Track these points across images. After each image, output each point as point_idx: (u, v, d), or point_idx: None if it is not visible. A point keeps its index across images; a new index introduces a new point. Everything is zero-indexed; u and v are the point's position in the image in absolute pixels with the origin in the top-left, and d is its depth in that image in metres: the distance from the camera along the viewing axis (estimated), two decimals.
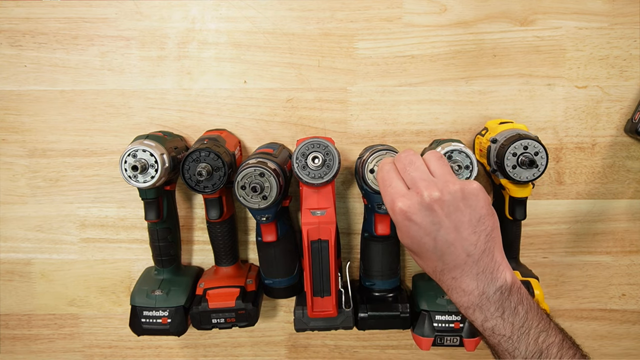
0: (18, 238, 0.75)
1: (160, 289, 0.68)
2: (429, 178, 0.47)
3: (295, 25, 0.71)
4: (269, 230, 0.65)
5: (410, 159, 0.49)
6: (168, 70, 0.71)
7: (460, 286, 0.46)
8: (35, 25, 0.71)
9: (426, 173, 0.48)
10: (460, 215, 0.46)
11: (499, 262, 0.46)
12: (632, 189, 0.74)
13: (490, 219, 0.47)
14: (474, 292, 0.46)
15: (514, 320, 0.45)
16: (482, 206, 0.46)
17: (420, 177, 0.47)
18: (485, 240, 0.46)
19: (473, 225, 0.46)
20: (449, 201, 0.46)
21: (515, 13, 0.70)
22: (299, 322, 0.66)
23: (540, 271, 0.75)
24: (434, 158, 0.49)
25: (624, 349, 0.79)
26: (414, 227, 0.46)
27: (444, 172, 0.48)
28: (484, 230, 0.46)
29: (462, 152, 0.60)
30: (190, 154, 0.60)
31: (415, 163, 0.48)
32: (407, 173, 0.48)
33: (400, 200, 0.46)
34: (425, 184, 0.46)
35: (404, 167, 0.48)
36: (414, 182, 0.47)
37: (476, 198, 0.46)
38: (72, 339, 0.78)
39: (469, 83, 0.72)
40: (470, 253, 0.46)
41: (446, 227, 0.46)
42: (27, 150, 0.73)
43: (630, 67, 0.71)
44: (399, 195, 0.47)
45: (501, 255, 0.47)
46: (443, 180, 0.47)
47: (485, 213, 0.46)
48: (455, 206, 0.46)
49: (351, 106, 0.72)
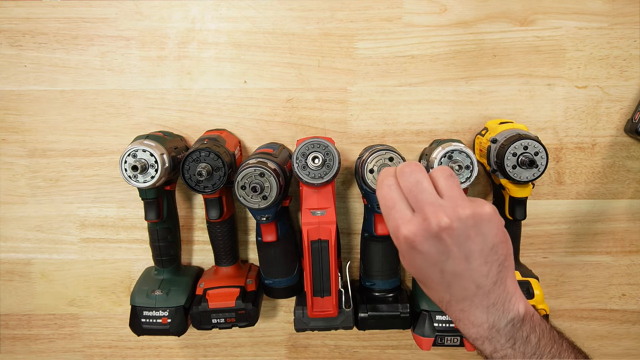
0: (18, 238, 0.75)
1: (160, 289, 0.68)
2: (437, 201, 0.42)
3: (295, 25, 0.71)
4: (269, 230, 0.65)
5: (417, 179, 0.43)
6: (168, 70, 0.71)
7: (468, 318, 0.43)
8: (35, 25, 0.71)
9: (434, 195, 0.43)
10: (471, 244, 0.42)
11: (512, 293, 0.43)
12: (632, 189, 0.74)
13: (504, 247, 0.43)
14: (484, 325, 0.43)
15: (525, 349, 0.42)
16: (495, 233, 0.42)
17: (428, 200, 0.42)
18: (498, 271, 0.43)
19: (485, 255, 0.42)
20: (459, 229, 0.41)
21: (515, 13, 0.70)
22: (299, 322, 0.66)
23: (540, 271, 0.75)
24: (442, 176, 0.44)
25: (624, 349, 0.79)
26: (420, 256, 0.43)
27: (454, 194, 0.43)
28: (497, 259, 0.42)
29: (463, 152, 0.60)
30: (190, 154, 0.60)
31: (422, 183, 0.43)
32: (413, 195, 0.43)
33: (405, 227, 0.42)
34: (432, 210, 0.42)
35: (409, 188, 0.44)
36: (420, 206, 0.42)
37: (489, 224, 0.42)
38: (72, 339, 0.78)
39: (469, 83, 0.72)
40: (480, 285, 0.42)
41: (455, 257, 0.42)
42: (27, 150, 0.73)
43: (630, 67, 0.71)
44: (404, 220, 0.43)
45: (514, 284, 0.44)
46: (453, 204, 0.42)
47: (499, 241, 0.42)
48: (465, 235, 0.41)
49: (351, 106, 0.72)
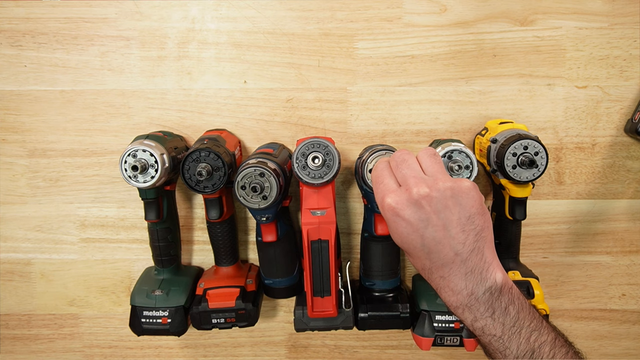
0: (18, 238, 0.75)
1: (160, 289, 0.68)
2: (420, 175, 0.47)
3: (295, 25, 0.71)
4: (269, 230, 0.65)
5: (403, 157, 0.49)
6: (168, 70, 0.71)
7: (448, 285, 0.46)
8: (35, 25, 0.71)
9: (417, 170, 0.47)
10: (449, 214, 0.45)
11: (489, 262, 0.46)
12: (632, 189, 0.74)
13: (481, 218, 0.46)
14: (463, 292, 0.45)
15: (505, 320, 0.44)
16: (472, 205, 0.46)
17: (411, 174, 0.47)
18: (475, 240, 0.45)
19: (462, 224, 0.45)
20: (437, 198, 0.45)
21: (515, 13, 0.70)
22: (299, 322, 0.66)
23: (540, 271, 0.75)
24: (426, 155, 0.49)
25: (624, 349, 0.79)
26: (402, 223, 0.46)
27: (436, 169, 0.48)
28: (474, 229, 0.45)
29: (462, 152, 0.60)
30: (190, 154, 0.60)
31: (407, 161, 0.48)
32: (399, 170, 0.48)
33: (389, 196, 0.47)
34: (414, 181, 0.46)
35: (397, 165, 0.49)
36: (405, 179, 0.47)
37: (466, 196, 0.46)
38: (72, 339, 0.78)
39: (469, 83, 0.72)
40: (458, 252, 0.45)
41: (434, 224, 0.45)
42: (27, 150, 0.73)
43: (630, 67, 0.71)
44: (389, 191, 0.47)
45: (492, 254, 0.47)
46: (433, 178, 0.47)
47: (476, 212, 0.46)
48: (443, 204, 0.45)
49: (351, 106, 0.72)
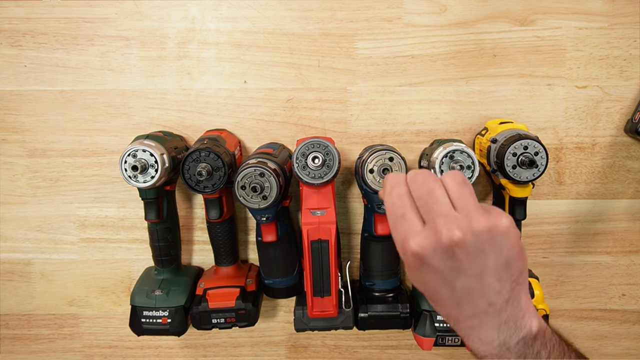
0: (18, 238, 0.75)
1: (160, 289, 0.68)
2: (450, 213, 0.40)
3: (295, 25, 0.71)
4: (269, 230, 0.65)
5: (429, 187, 0.41)
6: (168, 70, 0.71)
7: (478, 335, 0.41)
8: (35, 25, 0.71)
9: (447, 206, 0.40)
10: (485, 260, 0.39)
11: (525, 310, 0.41)
12: (632, 189, 0.74)
13: (520, 262, 0.40)
14: (493, 343, 0.40)
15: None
16: (511, 248, 0.39)
17: (440, 211, 0.40)
18: (511, 288, 0.40)
19: (499, 272, 0.39)
20: (472, 244, 0.39)
21: (515, 13, 0.70)
22: (299, 322, 0.66)
23: (540, 271, 0.75)
24: (455, 184, 0.41)
25: (624, 349, 0.79)
26: (429, 271, 0.40)
27: (468, 204, 0.40)
28: (511, 276, 0.40)
29: (464, 152, 0.60)
30: (190, 154, 0.60)
31: (434, 192, 0.40)
32: (425, 204, 0.41)
33: (413, 239, 0.40)
34: (444, 221, 0.39)
35: (421, 197, 0.41)
36: (432, 218, 0.40)
37: (505, 238, 0.39)
38: (72, 339, 0.78)
39: (469, 83, 0.72)
40: (492, 302, 0.40)
41: (467, 273, 0.39)
42: (27, 150, 0.73)
43: (630, 67, 0.71)
44: (413, 233, 0.40)
45: (528, 301, 0.41)
46: (467, 217, 0.39)
47: (514, 255, 0.40)
48: (479, 250, 0.39)
49: (351, 106, 0.72)
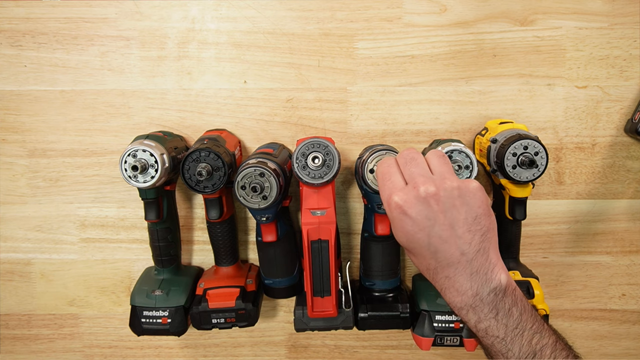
0: (18, 238, 0.75)
1: (160, 289, 0.68)
2: (428, 174, 0.47)
3: (295, 25, 0.71)
4: (269, 230, 0.65)
5: (412, 156, 0.49)
6: (168, 70, 0.71)
7: (453, 286, 0.46)
8: (35, 25, 0.71)
9: (426, 170, 0.48)
10: (456, 213, 0.45)
11: (494, 263, 0.46)
12: (632, 189, 0.74)
13: (487, 219, 0.46)
14: (468, 293, 0.45)
15: (508, 322, 0.45)
16: (479, 205, 0.46)
17: (419, 172, 0.47)
18: (481, 240, 0.46)
19: (468, 224, 0.46)
20: (445, 197, 0.45)
21: (515, 13, 0.70)
22: (299, 322, 0.66)
23: (540, 271, 0.75)
24: (435, 156, 0.49)
25: (624, 349, 0.79)
26: (409, 221, 0.46)
27: (444, 170, 0.48)
28: (480, 229, 0.46)
29: (462, 152, 0.60)
30: (190, 154, 0.60)
31: (416, 159, 0.49)
32: (407, 168, 0.48)
33: (396, 194, 0.46)
34: (422, 179, 0.46)
35: (405, 163, 0.49)
36: (412, 177, 0.47)
37: (473, 197, 0.46)
38: (72, 339, 0.78)
39: (469, 83, 0.72)
40: (464, 252, 0.45)
41: (441, 223, 0.45)
42: (27, 150, 0.73)
43: (630, 67, 0.71)
44: (396, 189, 0.47)
45: (497, 256, 0.47)
46: (441, 177, 0.47)
47: (482, 213, 0.46)
48: (451, 203, 0.45)
49: (351, 106, 0.72)
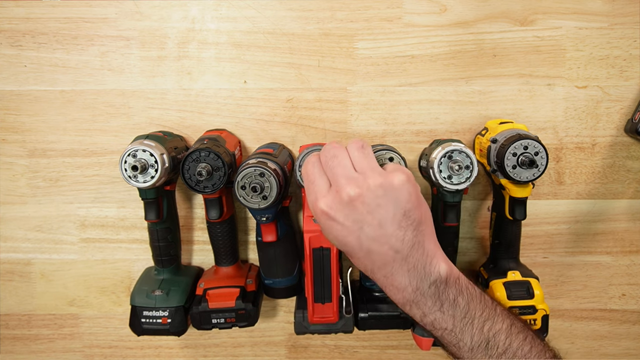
0: (18, 238, 0.75)
1: (160, 289, 0.68)
2: (350, 173, 0.45)
3: (295, 25, 0.71)
4: (269, 230, 0.65)
5: (334, 153, 0.47)
6: (168, 70, 0.71)
7: (392, 284, 0.45)
8: (35, 25, 0.71)
9: (348, 167, 0.46)
10: (383, 212, 0.44)
11: (432, 255, 0.45)
12: (632, 189, 0.74)
13: (417, 212, 0.45)
14: (408, 289, 0.44)
15: (455, 313, 0.43)
16: (407, 200, 0.44)
17: (342, 172, 0.46)
18: (414, 235, 0.44)
19: (398, 220, 0.44)
20: (369, 197, 0.44)
21: (515, 13, 0.70)
22: (299, 325, 0.66)
23: (540, 271, 0.75)
24: (355, 149, 0.47)
25: (624, 349, 0.79)
26: (337, 226, 0.45)
27: (365, 165, 0.46)
28: (411, 224, 0.44)
29: (463, 152, 0.60)
30: (190, 154, 0.60)
31: (337, 157, 0.46)
32: (329, 168, 0.46)
33: (321, 201, 0.45)
34: (345, 181, 0.45)
35: (327, 162, 0.47)
36: (335, 179, 0.46)
37: (399, 192, 0.44)
38: (72, 339, 0.78)
39: (469, 83, 0.72)
40: (397, 249, 0.44)
41: (369, 224, 0.44)
42: (27, 150, 0.73)
43: (630, 67, 0.71)
44: (321, 194, 0.46)
45: (434, 246, 0.46)
46: (363, 176, 0.45)
47: (411, 206, 0.44)
48: (376, 202, 0.44)
49: (351, 106, 0.72)
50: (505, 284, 0.66)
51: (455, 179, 0.59)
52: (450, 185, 0.59)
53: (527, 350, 0.43)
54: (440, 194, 0.64)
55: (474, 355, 0.43)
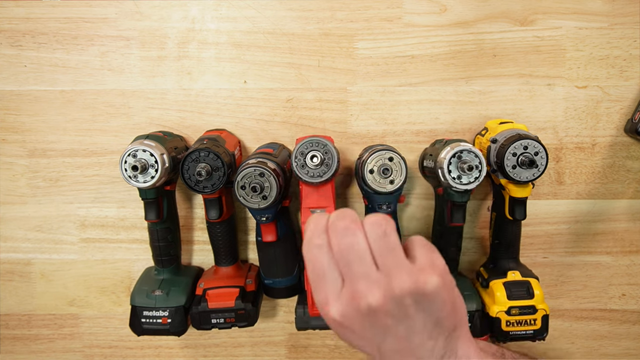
0: (18, 238, 0.75)
1: (160, 289, 0.68)
2: (370, 273, 0.36)
3: (295, 25, 0.71)
4: (269, 230, 0.65)
5: (349, 241, 0.37)
6: (168, 70, 0.71)
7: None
8: (35, 25, 0.71)
9: (367, 264, 0.36)
10: (411, 322, 0.36)
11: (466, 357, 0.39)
12: (632, 189, 0.74)
13: (451, 319, 0.37)
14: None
15: None
16: (440, 308, 0.36)
17: (360, 271, 0.36)
18: (445, 344, 0.37)
19: (429, 331, 0.36)
20: (394, 309, 0.36)
21: (515, 13, 0.70)
22: (300, 320, 0.66)
23: (540, 271, 0.75)
24: (376, 236, 0.37)
25: (624, 349, 0.79)
26: (353, 336, 0.38)
27: (390, 261, 0.36)
28: (442, 333, 0.37)
29: (472, 152, 0.59)
30: (190, 154, 0.60)
31: (354, 247, 0.36)
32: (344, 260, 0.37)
33: (332, 306, 0.37)
34: (364, 284, 0.36)
35: (341, 252, 0.37)
36: (351, 278, 0.36)
37: (432, 301, 0.36)
38: (72, 339, 0.78)
39: (469, 83, 0.72)
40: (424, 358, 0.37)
41: (393, 335, 0.37)
42: (27, 150, 0.73)
43: (630, 67, 0.71)
44: (333, 297, 0.37)
45: (468, 346, 0.39)
46: (387, 276, 0.36)
47: (446, 315, 0.37)
48: (404, 313, 0.36)
49: (351, 106, 0.72)
50: (505, 284, 0.66)
51: (464, 179, 0.59)
52: (459, 185, 0.59)
53: None
54: (447, 194, 0.64)
55: None
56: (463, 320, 0.39)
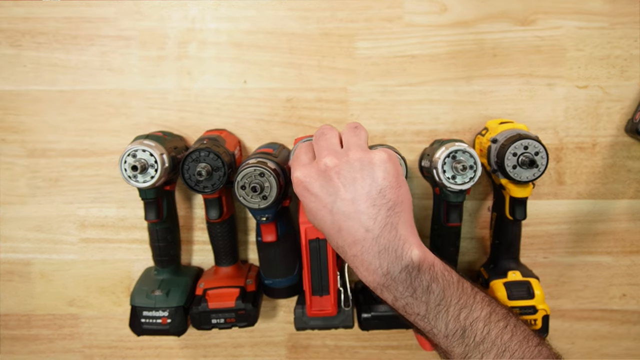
0: (18, 238, 0.75)
1: (160, 289, 0.68)
2: (333, 147, 0.45)
3: (295, 25, 0.71)
4: (269, 230, 0.65)
5: (322, 131, 0.48)
6: (168, 70, 0.71)
7: (362, 264, 0.43)
8: (35, 25, 0.71)
9: (334, 143, 0.46)
10: (359, 187, 0.43)
11: (404, 239, 0.43)
12: (633, 189, 0.74)
13: (394, 192, 0.43)
14: (378, 272, 0.42)
15: (429, 299, 0.42)
16: (384, 177, 0.43)
17: (325, 146, 0.46)
18: (387, 215, 0.42)
19: (372, 198, 0.43)
20: (346, 170, 0.43)
21: (516, 13, 0.70)
22: (299, 320, 0.66)
23: (541, 271, 0.75)
24: (348, 128, 0.48)
25: (624, 349, 0.79)
26: (312, 198, 0.44)
27: (352, 142, 0.46)
28: (385, 203, 0.43)
29: (466, 152, 0.59)
30: (190, 154, 0.60)
31: (325, 134, 0.47)
32: (316, 143, 0.47)
33: (299, 170, 0.45)
34: (326, 152, 0.45)
35: (316, 139, 0.47)
36: (318, 152, 0.46)
37: (378, 168, 0.43)
38: (72, 339, 0.78)
39: (469, 83, 0.71)
40: (368, 228, 0.42)
41: (342, 197, 0.43)
42: (27, 150, 0.73)
43: (631, 67, 0.71)
44: (300, 166, 0.46)
45: (408, 231, 0.43)
46: (346, 150, 0.45)
47: (388, 185, 0.43)
48: (352, 176, 0.43)
49: (351, 106, 0.72)
50: (506, 284, 0.66)
51: (459, 179, 0.59)
52: (454, 185, 0.59)
53: (507, 339, 0.41)
54: (443, 194, 0.64)
55: (450, 343, 0.42)
56: (406, 203, 0.45)
